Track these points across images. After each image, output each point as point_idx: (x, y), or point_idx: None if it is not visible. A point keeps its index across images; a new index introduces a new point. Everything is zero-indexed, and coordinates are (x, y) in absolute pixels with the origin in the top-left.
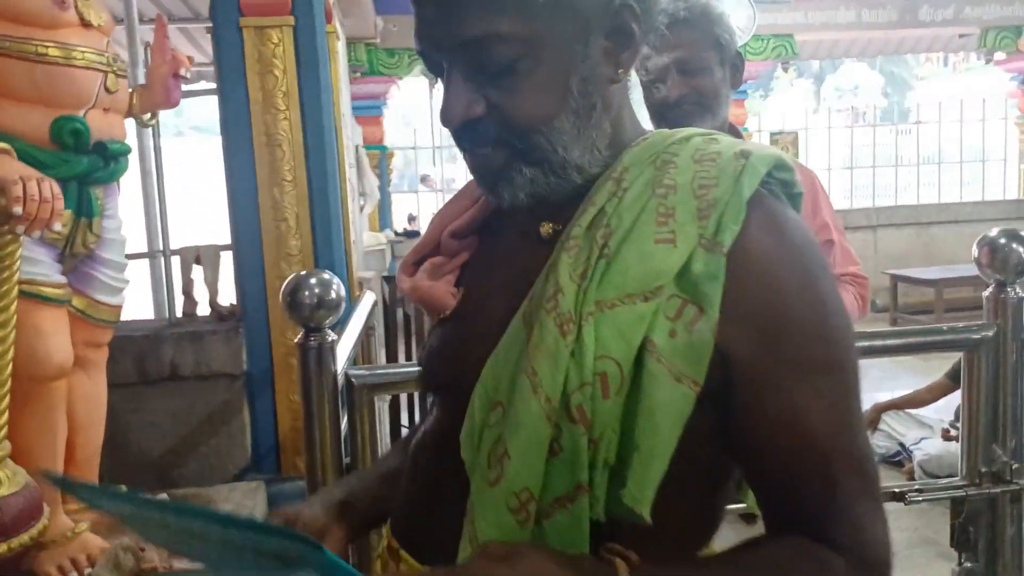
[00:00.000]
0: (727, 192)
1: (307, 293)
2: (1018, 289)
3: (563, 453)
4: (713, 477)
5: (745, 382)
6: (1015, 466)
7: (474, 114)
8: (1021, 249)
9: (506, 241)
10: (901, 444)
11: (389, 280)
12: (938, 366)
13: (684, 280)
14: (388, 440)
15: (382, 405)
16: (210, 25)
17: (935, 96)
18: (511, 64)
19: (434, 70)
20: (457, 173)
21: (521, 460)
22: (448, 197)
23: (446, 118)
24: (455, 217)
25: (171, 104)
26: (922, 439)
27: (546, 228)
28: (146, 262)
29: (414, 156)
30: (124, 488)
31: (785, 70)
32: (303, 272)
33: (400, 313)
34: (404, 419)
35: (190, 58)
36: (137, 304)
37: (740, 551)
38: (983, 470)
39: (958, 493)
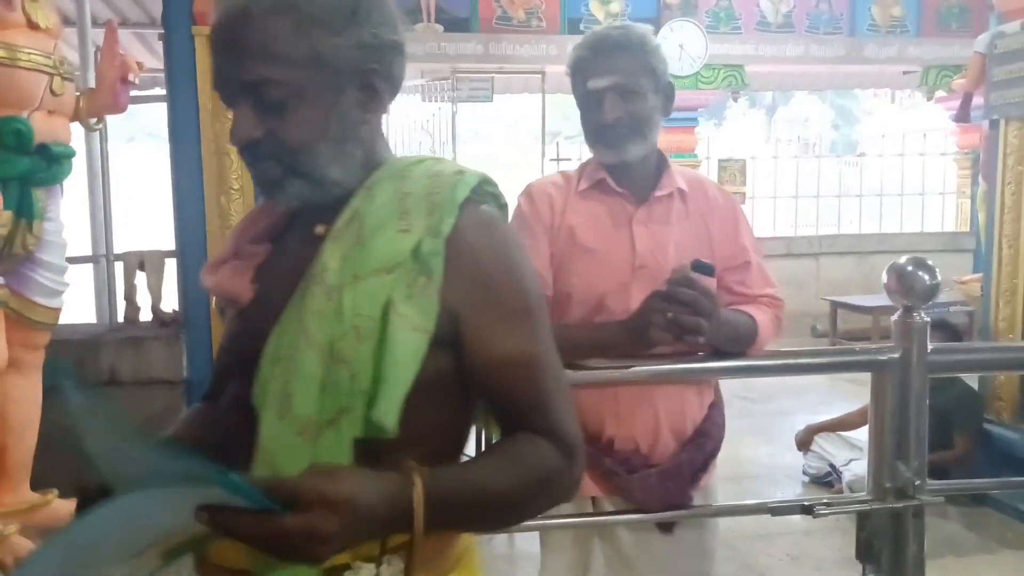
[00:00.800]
0: (446, 198)
1: None
2: (923, 314)
3: (330, 387)
4: (455, 402)
5: (469, 328)
6: (917, 482)
7: (254, 137)
8: (926, 276)
9: (292, 243)
10: (832, 465)
11: None
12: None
13: (416, 258)
14: None
15: None
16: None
17: (881, 130)
18: (282, 101)
19: (228, 103)
20: None
21: (302, 396)
22: None
23: (234, 139)
24: (251, 228)
25: (119, 109)
26: (851, 460)
27: (320, 229)
28: (91, 266)
29: None
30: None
31: (735, 100)
32: None
33: None
34: None
35: (140, 63)
36: (80, 308)
37: (489, 449)
38: (887, 486)
39: (863, 507)
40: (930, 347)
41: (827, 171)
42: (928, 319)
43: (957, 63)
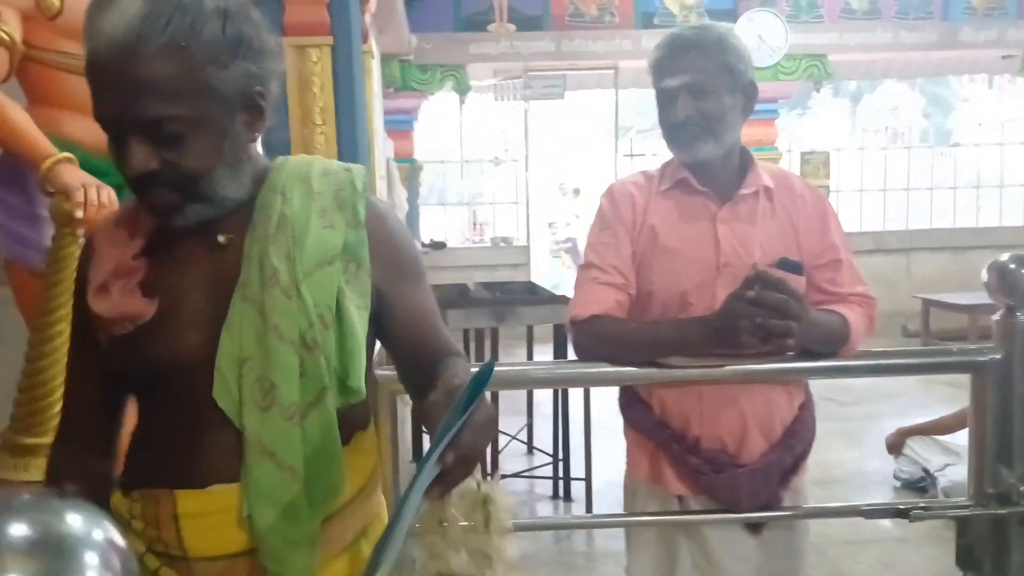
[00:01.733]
0: (351, 193)
1: None
2: None
3: (309, 372)
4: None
5: (393, 297)
6: (1022, 488)
7: (150, 168)
8: None
9: (184, 253)
10: (925, 470)
11: None
12: (968, 394)
13: (346, 249)
14: (410, 442)
15: (404, 410)
16: None
17: (978, 118)
18: (180, 135)
19: (116, 137)
20: (483, 187)
21: (285, 386)
22: (476, 211)
23: (127, 168)
24: (121, 248)
25: None
26: (946, 465)
27: (225, 237)
28: None
29: (443, 170)
30: None
31: (817, 90)
32: None
33: None
34: None
35: None
36: None
37: (451, 371)
38: (989, 491)
39: (963, 512)
40: None
41: (917, 162)
42: None
43: None
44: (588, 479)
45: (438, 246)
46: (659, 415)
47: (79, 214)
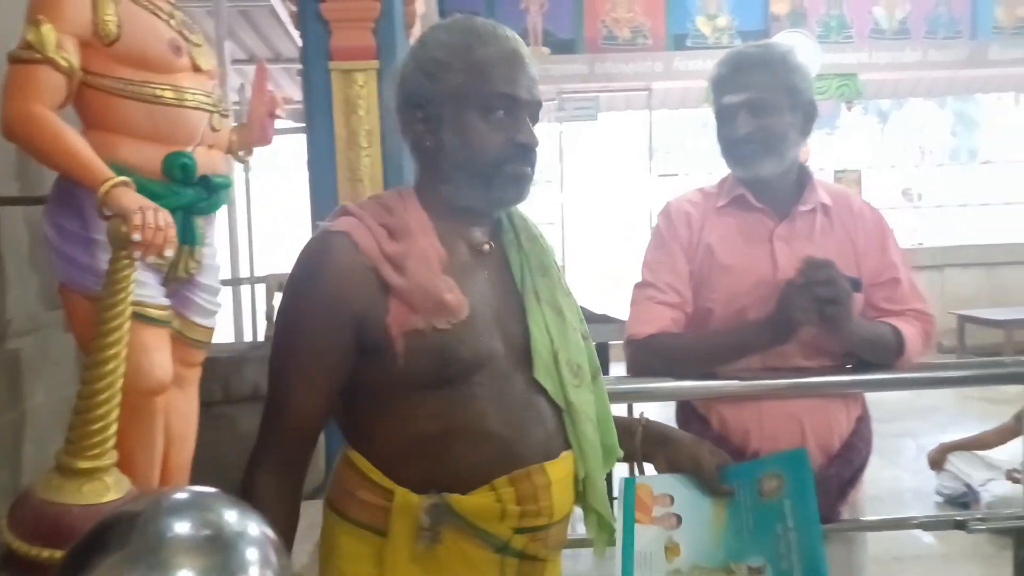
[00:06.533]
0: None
1: None
2: None
3: (590, 356)
4: None
5: None
6: None
7: (536, 142)
8: None
9: (459, 258)
10: (968, 485)
11: None
12: (1006, 410)
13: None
14: None
15: None
16: (291, 67)
17: (1004, 135)
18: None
19: (508, 110)
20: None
21: (584, 367)
22: None
23: (526, 137)
24: (434, 250)
25: (266, 142)
26: (989, 480)
27: (488, 246)
28: (227, 288)
29: None
30: None
31: (849, 109)
32: None
33: None
34: None
35: (284, 99)
36: (218, 328)
37: None
38: None
39: (1021, 523)
40: None
41: (947, 179)
42: None
43: None
44: None
45: None
46: (718, 430)
47: (137, 237)
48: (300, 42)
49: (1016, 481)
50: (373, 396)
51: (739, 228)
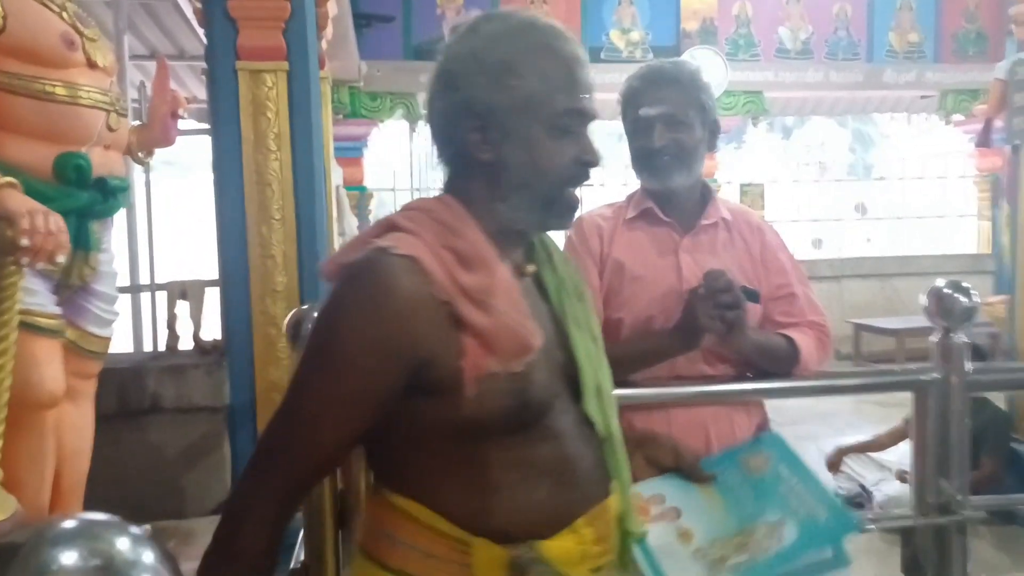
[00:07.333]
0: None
1: (310, 326)
2: (962, 335)
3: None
4: None
5: None
6: (959, 498)
7: (598, 160)
8: (964, 299)
9: (506, 281)
10: (862, 486)
11: None
12: (896, 413)
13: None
14: None
15: None
16: (196, 65)
17: (898, 153)
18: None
19: (577, 126)
20: None
21: (607, 386)
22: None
23: (591, 155)
24: (509, 281)
25: (169, 143)
26: (881, 481)
27: (531, 267)
28: (125, 295)
29: (392, 198)
30: None
31: (755, 125)
32: (306, 306)
33: None
34: None
35: (188, 98)
36: (116, 337)
37: None
38: (931, 502)
39: (908, 523)
40: (968, 367)
41: (844, 194)
42: (966, 340)
43: (975, 87)
44: None
45: None
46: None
47: (24, 242)
48: (206, 40)
49: (905, 481)
50: (432, 440)
51: (647, 241)
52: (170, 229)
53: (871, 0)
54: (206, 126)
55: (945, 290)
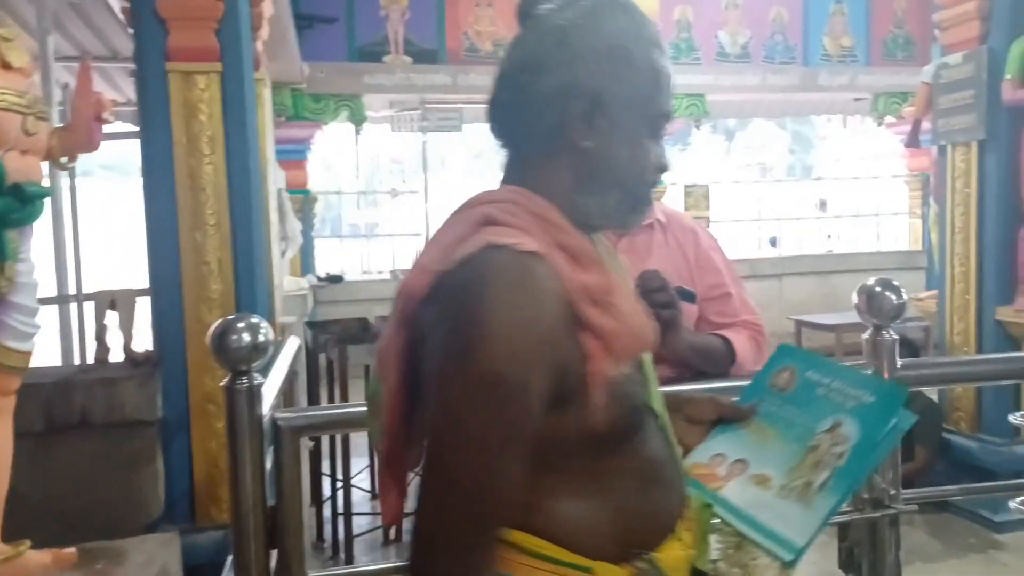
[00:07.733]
0: None
1: (235, 336)
2: (892, 332)
3: None
4: None
5: None
6: (892, 492)
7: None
8: (894, 296)
9: (619, 279)
10: None
11: (312, 325)
12: None
13: None
14: (309, 484)
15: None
16: (129, 66)
17: (835, 154)
18: None
19: (654, 132)
20: (379, 218)
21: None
22: (370, 242)
23: (663, 161)
24: (622, 279)
25: (93, 147)
26: None
27: None
28: (53, 306)
29: (338, 201)
30: None
31: (698, 127)
32: (231, 316)
33: (323, 358)
34: (326, 465)
35: (113, 100)
36: (43, 350)
37: None
38: (865, 496)
39: (843, 518)
40: (899, 363)
41: (785, 194)
42: (896, 336)
43: (904, 90)
44: None
45: (335, 279)
46: None
47: None
48: (134, 41)
49: None
50: (549, 459)
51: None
52: (107, 236)
53: (806, 5)
54: (137, 129)
55: (875, 288)
